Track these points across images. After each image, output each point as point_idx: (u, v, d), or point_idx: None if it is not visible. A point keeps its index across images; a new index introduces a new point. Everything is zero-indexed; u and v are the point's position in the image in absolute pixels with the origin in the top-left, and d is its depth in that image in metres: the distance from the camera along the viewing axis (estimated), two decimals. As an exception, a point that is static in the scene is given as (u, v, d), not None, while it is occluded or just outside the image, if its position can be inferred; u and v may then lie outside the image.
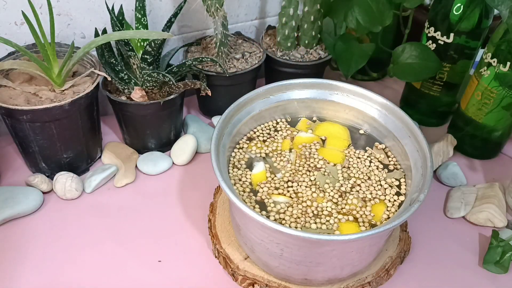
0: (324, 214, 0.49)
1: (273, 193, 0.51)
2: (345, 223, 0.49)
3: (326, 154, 0.56)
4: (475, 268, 0.56)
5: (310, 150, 0.56)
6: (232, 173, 0.53)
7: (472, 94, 0.66)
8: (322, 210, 0.50)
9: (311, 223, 0.48)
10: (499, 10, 0.55)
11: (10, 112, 0.55)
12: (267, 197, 0.51)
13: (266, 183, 0.52)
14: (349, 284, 0.51)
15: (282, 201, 0.51)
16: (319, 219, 0.49)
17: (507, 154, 0.72)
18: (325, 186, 0.52)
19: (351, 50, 0.70)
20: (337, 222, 0.49)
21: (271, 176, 0.53)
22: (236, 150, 0.56)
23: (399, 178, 0.54)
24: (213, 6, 0.63)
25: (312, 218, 0.49)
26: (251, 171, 0.54)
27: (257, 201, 0.51)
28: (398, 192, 0.52)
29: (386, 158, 0.56)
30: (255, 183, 0.53)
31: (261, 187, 0.52)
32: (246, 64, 0.72)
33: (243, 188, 0.52)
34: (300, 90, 0.59)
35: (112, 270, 0.54)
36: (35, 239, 0.57)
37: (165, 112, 0.65)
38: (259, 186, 0.52)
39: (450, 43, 0.66)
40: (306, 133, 0.58)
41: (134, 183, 0.65)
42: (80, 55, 0.58)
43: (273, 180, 0.53)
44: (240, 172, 0.54)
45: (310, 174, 0.53)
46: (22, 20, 0.54)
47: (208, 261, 0.55)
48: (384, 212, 0.50)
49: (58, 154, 0.62)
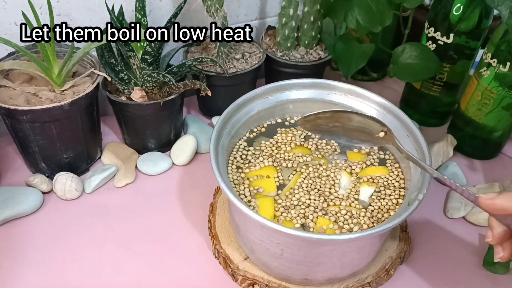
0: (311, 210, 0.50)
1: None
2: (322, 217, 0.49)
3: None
4: (475, 268, 0.56)
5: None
6: (231, 173, 0.53)
7: (472, 94, 0.66)
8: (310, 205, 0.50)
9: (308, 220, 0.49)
10: (499, 11, 0.55)
11: (10, 112, 0.55)
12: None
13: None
14: (349, 285, 0.51)
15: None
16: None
17: (507, 154, 0.72)
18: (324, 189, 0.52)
19: (351, 51, 0.70)
20: (315, 218, 0.49)
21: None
22: (235, 150, 0.56)
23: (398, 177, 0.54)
24: (213, 7, 0.63)
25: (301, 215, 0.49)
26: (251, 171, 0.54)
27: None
28: (398, 191, 0.52)
29: (385, 158, 0.56)
30: (255, 183, 0.53)
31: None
32: (246, 65, 0.72)
33: (243, 188, 0.52)
34: (298, 90, 0.59)
35: (112, 270, 0.54)
36: (35, 239, 0.57)
37: (165, 112, 0.65)
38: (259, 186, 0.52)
39: (450, 43, 0.66)
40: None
41: (134, 183, 0.65)
42: (80, 55, 0.58)
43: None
44: (239, 172, 0.54)
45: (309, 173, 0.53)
46: (22, 20, 0.54)
47: (208, 261, 0.55)
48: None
49: (58, 154, 0.62)
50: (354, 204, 0.51)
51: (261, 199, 0.51)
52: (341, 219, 0.49)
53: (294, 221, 0.49)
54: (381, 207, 0.50)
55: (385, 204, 0.51)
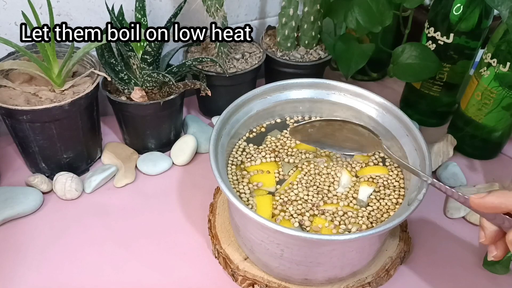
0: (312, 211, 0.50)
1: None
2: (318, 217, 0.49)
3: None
4: (475, 268, 0.56)
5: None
6: (231, 173, 0.53)
7: (472, 94, 0.66)
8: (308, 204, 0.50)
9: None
10: (499, 11, 0.55)
11: (10, 112, 0.55)
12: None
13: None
14: (349, 285, 0.51)
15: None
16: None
17: (507, 154, 0.72)
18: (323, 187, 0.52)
19: (351, 51, 0.70)
20: (311, 217, 0.49)
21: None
22: (235, 150, 0.56)
23: (398, 177, 0.54)
24: (213, 6, 0.63)
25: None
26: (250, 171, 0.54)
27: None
28: (398, 191, 0.52)
29: (384, 157, 0.56)
30: (255, 177, 0.53)
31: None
32: (246, 64, 0.72)
33: (242, 186, 0.52)
34: (297, 90, 0.59)
35: (112, 270, 0.54)
36: (35, 239, 0.57)
37: (165, 112, 0.65)
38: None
39: (450, 43, 0.66)
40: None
41: (134, 183, 0.65)
42: (80, 55, 0.58)
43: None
44: (239, 172, 0.54)
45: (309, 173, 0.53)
46: (22, 20, 0.54)
47: (208, 261, 0.55)
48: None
49: (58, 154, 0.62)
50: (352, 203, 0.51)
51: (259, 197, 0.51)
52: (337, 219, 0.49)
53: (292, 220, 0.49)
54: (381, 207, 0.50)
55: (384, 205, 0.51)
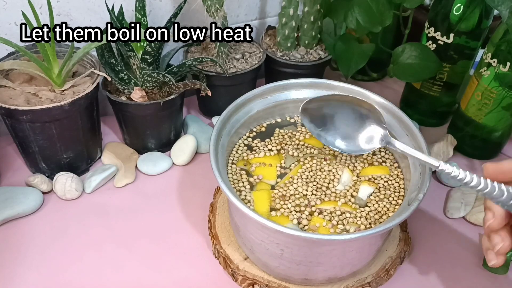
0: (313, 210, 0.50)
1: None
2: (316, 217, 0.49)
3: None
4: (475, 268, 0.56)
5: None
6: (231, 173, 0.53)
7: (472, 94, 0.66)
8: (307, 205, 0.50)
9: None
10: (499, 11, 0.55)
11: (10, 112, 0.55)
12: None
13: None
14: (349, 284, 0.51)
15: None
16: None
17: (507, 154, 0.72)
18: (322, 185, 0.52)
19: (351, 51, 0.70)
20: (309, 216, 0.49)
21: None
22: (235, 150, 0.56)
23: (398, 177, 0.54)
24: (213, 6, 0.63)
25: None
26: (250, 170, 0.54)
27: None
28: (398, 192, 0.52)
29: (385, 157, 0.56)
30: (256, 170, 0.53)
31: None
32: (246, 64, 0.72)
33: (242, 183, 0.52)
34: (297, 90, 0.59)
35: (112, 270, 0.54)
36: (35, 239, 0.57)
37: (165, 112, 0.65)
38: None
39: (450, 43, 0.66)
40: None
41: (134, 183, 0.65)
42: (80, 55, 0.58)
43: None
44: (239, 172, 0.54)
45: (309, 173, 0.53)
46: (22, 20, 0.54)
47: (208, 261, 0.55)
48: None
49: (58, 154, 0.62)
50: (350, 202, 0.51)
51: (256, 192, 0.51)
52: (335, 218, 0.49)
53: (290, 216, 0.49)
54: (380, 208, 0.50)
55: (383, 206, 0.51)
